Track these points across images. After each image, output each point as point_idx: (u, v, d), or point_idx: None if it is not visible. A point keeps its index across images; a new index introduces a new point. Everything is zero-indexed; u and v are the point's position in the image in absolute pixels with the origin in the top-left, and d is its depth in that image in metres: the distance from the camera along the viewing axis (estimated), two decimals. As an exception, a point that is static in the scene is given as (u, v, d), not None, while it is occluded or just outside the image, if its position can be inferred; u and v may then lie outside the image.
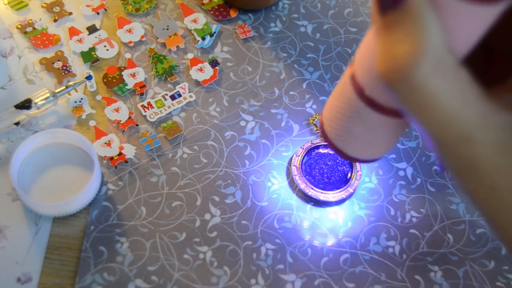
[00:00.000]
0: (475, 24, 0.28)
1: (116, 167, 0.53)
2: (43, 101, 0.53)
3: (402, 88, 0.27)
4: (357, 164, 0.54)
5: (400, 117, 0.34)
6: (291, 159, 0.55)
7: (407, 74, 0.27)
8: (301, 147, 0.54)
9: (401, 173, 0.55)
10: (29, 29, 0.60)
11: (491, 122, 0.28)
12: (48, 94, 0.54)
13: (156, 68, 0.58)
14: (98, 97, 0.57)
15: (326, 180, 0.53)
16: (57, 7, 0.61)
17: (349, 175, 0.53)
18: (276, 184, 0.54)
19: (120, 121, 0.55)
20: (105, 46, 0.60)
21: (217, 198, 0.52)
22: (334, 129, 0.40)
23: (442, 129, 0.28)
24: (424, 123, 0.29)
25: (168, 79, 0.58)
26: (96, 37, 0.60)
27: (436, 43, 0.26)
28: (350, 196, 0.53)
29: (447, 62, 0.27)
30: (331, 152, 0.54)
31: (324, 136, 0.41)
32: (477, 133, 0.28)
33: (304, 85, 0.59)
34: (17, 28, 0.60)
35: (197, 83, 0.58)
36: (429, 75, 0.26)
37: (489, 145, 0.28)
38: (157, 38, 0.61)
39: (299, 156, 0.54)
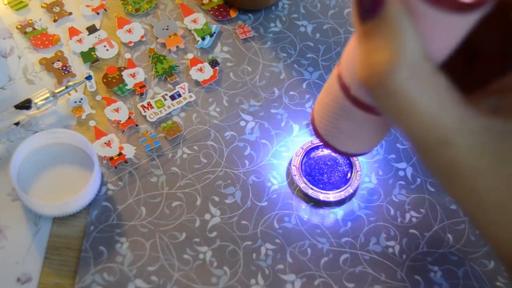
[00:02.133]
0: (452, 32, 0.29)
1: (116, 167, 0.53)
2: (43, 101, 0.53)
3: (380, 94, 0.29)
4: (357, 164, 0.54)
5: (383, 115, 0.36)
6: (291, 159, 0.55)
7: (384, 80, 0.28)
8: (301, 147, 0.54)
9: (401, 173, 0.55)
10: (29, 29, 0.60)
11: (468, 127, 0.28)
12: (48, 94, 0.54)
13: (156, 68, 0.59)
14: (98, 97, 0.57)
15: (326, 180, 0.53)
16: (57, 7, 0.61)
17: (349, 175, 0.53)
18: (276, 184, 0.54)
19: (120, 121, 0.55)
20: (105, 46, 0.60)
21: (217, 198, 0.52)
22: (324, 124, 0.42)
23: (419, 133, 0.29)
24: (402, 128, 0.30)
25: (168, 79, 0.58)
26: (96, 37, 0.60)
27: (412, 51, 0.28)
28: (350, 196, 0.53)
29: (423, 69, 0.28)
30: (331, 152, 0.54)
31: (315, 131, 0.43)
32: (454, 137, 0.28)
33: (304, 85, 0.59)
34: (17, 28, 0.60)
35: (197, 83, 0.58)
36: (405, 82, 0.27)
37: (466, 148, 0.29)
38: (157, 38, 0.61)
39: (299, 156, 0.54)
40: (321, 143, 0.54)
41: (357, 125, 0.40)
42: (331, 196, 0.52)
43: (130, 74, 0.58)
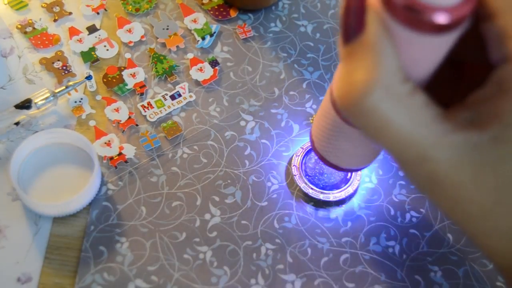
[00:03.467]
0: (432, 52, 0.30)
1: (116, 167, 0.53)
2: (43, 101, 0.53)
3: (355, 113, 0.29)
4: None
5: None
6: (291, 159, 0.55)
7: (359, 100, 0.29)
8: (301, 147, 0.54)
9: (401, 173, 0.55)
10: (29, 29, 0.60)
11: (445, 141, 0.29)
12: (48, 94, 0.54)
13: (156, 68, 0.59)
14: (98, 97, 0.57)
15: (326, 180, 0.53)
16: (57, 7, 0.61)
17: (349, 175, 0.53)
18: (276, 184, 0.54)
19: (120, 121, 0.55)
20: (105, 46, 0.60)
21: (217, 198, 0.52)
22: (324, 147, 0.43)
23: (397, 150, 0.30)
24: (381, 145, 0.31)
25: (168, 79, 0.58)
26: (96, 37, 0.60)
27: (388, 72, 0.28)
28: (350, 196, 0.53)
29: (399, 90, 0.28)
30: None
31: (316, 153, 0.44)
32: (431, 152, 0.29)
33: (304, 85, 0.59)
34: (17, 28, 0.60)
35: (197, 83, 0.58)
36: (380, 101, 0.28)
37: (445, 162, 0.29)
38: (157, 38, 0.61)
39: (299, 156, 0.54)
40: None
41: (356, 143, 0.41)
42: (331, 196, 0.52)
43: (130, 74, 0.58)
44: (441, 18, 0.27)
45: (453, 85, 0.35)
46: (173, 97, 0.57)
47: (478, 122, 0.29)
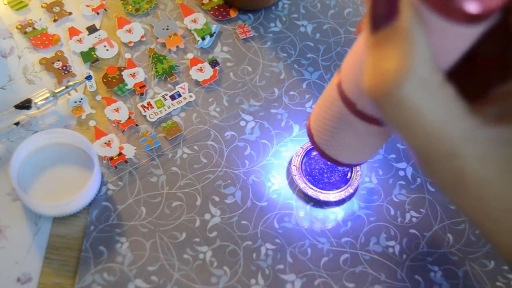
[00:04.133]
0: (460, 42, 0.30)
1: (116, 167, 0.53)
2: (43, 101, 0.53)
3: (387, 103, 0.28)
4: (357, 164, 0.54)
5: None
6: (291, 159, 0.55)
7: (392, 89, 0.27)
8: (301, 147, 0.54)
9: (401, 173, 0.55)
10: (29, 29, 0.60)
11: (475, 137, 0.28)
12: (48, 94, 0.54)
13: (156, 68, 0.59)
14: (98, 97, 0.57)
15: (326, 180, 0.53)
16: (57, 7, 0.61)
17: (349, 175, 0.53)
18: (276, 184, 0.54)
19: (120, 121, 0.55)
20: (105, 46, 0.60)
21: (217, 198, 0.52)
22: (326, 140, 0.42)
23: (426, 144, 0.29)
24: (408, 139, 0.29)
25: (168, 79, 0.58)
26: (96, 37, 0.60)
27: (422, 61, 0.27)
28: (350, 196, 0.53)
29: (432, 80, 0.28)
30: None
31: (316, 147, 0.43)
32: (461, 148, 0.28)
33: (304, 85, 0.59)
34: (17, 28, 0.60)
35: (197, 83, 0.58)
36: (414, 92, 0.27)
37: (474, 159, 0.28)
38: (157, 38, 0.61)
39: (299, 156, 0.54)
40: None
41: (359, 137, 0.40)
42: (331, 196, 0.52)
43: (130, 74, 0.58)
44: (474, 8, 0.26)
45: (465, 79, 0.34)
46: (173, 97, 0.57)
47: (508, 116, 0.28)
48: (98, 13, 0.62)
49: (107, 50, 0.59)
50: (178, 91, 0.57)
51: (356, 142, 0.41)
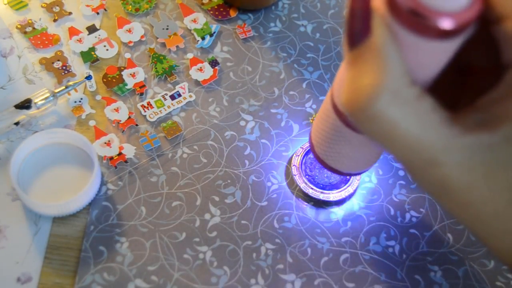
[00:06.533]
0: (437, 56, 0.30)
1: (116, 167, 0.53)
2: (43, 101, 0.53)
3: (363, 118, 0.29)
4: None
5: None
6: (291, 159, 0.55)
7: (366, 104, 0.28)
8: (301, 147, 0.54)
9: (401, 172, 0.55)
10: (28, 29, 0.60)
11: (455, 144, 0.29)
12: (48, 94, 0.54)
13: (156, 68, 0.59)
14: (98, 97, 0.57)
15: (326, 180, 0.53)
16: (57, 7, 0.61)
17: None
18: (276, 184, 0.54)
19: (120, 121, 0.55)
20: (104, 46, 0.60)
21: (217, 198, 0.52)
22: (324, 151, 0.43)
23: (405, 155, 0.30)
24: (389, 150, 0.30)
25: (168, 79, 0.58)
26: (96, 37, 0.60)
27: (396, 76, 0.28)
28: (350, 196, 0.53)
29: (407, 94, 0.28)
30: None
31: (317, 157, 0.44)
32: (441, 156, 0.29)
33: (304, 85, 0.59)
34: (17, 28, 0.60)
35: (197, 83, 0.58)
36: (388, 106, 0.28)
37: (456, 165, 0.29)
38: (157, 38, 0.61)
39: (299, 156, 0.54)
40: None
41: (355, 148, 0.41)
42: (331, 196, 0.52)
43: (130, 74, 0.58)
44: (446, 23, 0.26)
45: (458, 89, 0.35)
46: (173, 97, 0.57)
47: (488, 123, 0.29)
48: (98, 13, 0.62)
49: (107, 50, 0.59)
50: (178, 91, 0.57)
51: (353, 152, 0.41)
